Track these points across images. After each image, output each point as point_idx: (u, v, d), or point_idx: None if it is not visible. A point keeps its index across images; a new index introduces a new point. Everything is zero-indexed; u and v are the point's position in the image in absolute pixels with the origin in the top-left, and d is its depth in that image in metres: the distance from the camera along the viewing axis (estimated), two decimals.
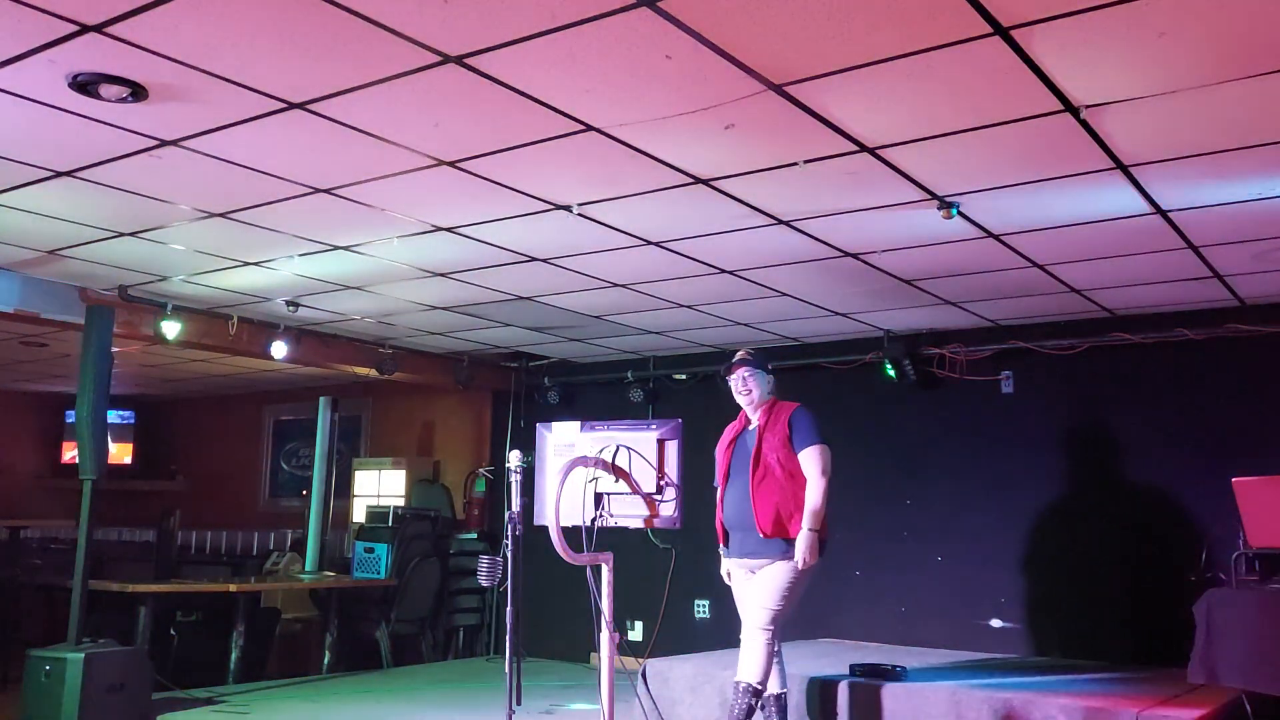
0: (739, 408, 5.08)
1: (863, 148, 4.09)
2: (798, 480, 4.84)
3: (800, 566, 4.74)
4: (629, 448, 3.83)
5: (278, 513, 11.07)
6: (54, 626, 7.83)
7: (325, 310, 7.24)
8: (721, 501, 5.02)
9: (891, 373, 7.48)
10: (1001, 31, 3.13)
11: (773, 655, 4.79)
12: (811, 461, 4.83)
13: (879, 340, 7.58)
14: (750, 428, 5.03)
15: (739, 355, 5.09)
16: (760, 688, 4.74)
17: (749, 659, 4.75)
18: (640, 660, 5.61)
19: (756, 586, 4.84)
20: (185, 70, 3.45)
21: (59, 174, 4.56)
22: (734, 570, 5.02)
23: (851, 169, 4.31)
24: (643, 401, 8.71)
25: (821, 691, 5.56)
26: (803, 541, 4.72)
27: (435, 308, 7.16)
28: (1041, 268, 5.79)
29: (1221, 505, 5.31)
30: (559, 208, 4.91)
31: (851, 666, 5.76)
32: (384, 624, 8.51)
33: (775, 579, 4.80)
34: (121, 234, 5.48)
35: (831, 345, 7.91)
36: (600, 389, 9.03)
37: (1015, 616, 7.12)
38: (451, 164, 4.34)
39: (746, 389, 5.01)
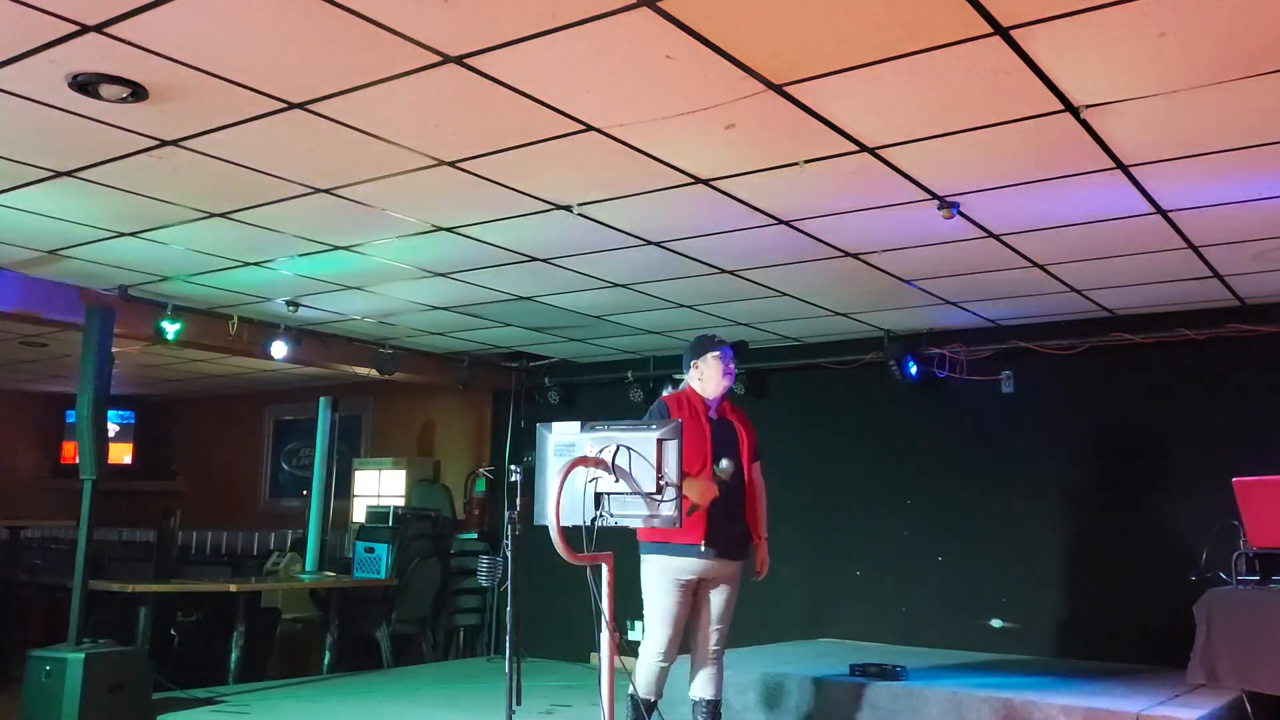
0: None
1: (863, 148, 4.09)
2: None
3: (760, 577, 4.83)
4: (629, 448, 3.81)
5: (278, 513, 11.07)
6: (54, 626, 7.82)
7: (325, 310, 7.24)
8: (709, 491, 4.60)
9: (898, 375, 7.46)
10: (1001, 31, 3.13)
11: None
12: (760, 473, 4.86)
13: (879, 340, 7.57)
14: (712, 416, 4.75)
15: (729, 340, 4.88)
16: None
17: (719, 677, 4.73)
18: None
19: (726, 601, 4.70)
20: (185, 70, 3.45)
21: (59, 174, 4.56)
22: (708, 572, 4.61)
23: (851, 169, 4.31)
24: (643, 401, 8.70)
25: (821, 691, 5.56)
26: (765, 552, 4.81)
27: (435, 308, 7.16)
28: (1041, 268, 5.79)
29: (1221, 505, 5.31)
30: (559, 208, 4.91)
31: (851, 666, 5.77)
32: (384, 624, 8.50)
33: (737, 592, 4.76)
34: (121, 234, 5.48)
35: (831, 345, 7.91)
36: (600, 389, 9.02)
37: (1015, 616, 7.12)
38: (451, 164, 4.34)
39: (732, 375, 4.81)
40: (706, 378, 4.78)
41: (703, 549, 4.55)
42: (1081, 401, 7.11)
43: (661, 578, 4.60)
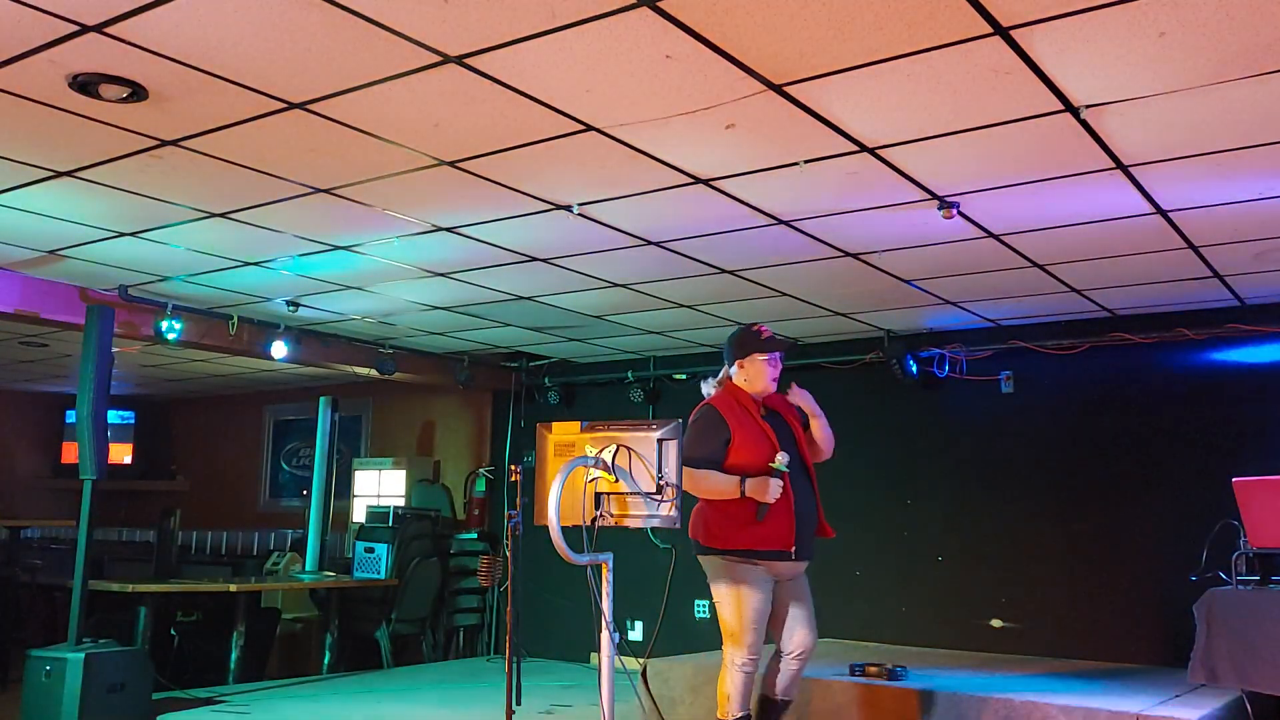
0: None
1: (863, 148, 4.09)
2: None
3: None
4: (629, 448, 3.82)
5: (278, 513, 11.07)
6: (54, 626, 7.84)
7: (325, 310, 7.24)
8: (789, 492, 4.43)
9: (898, 375, 7.46)
10: (1001, 31, 3.13)
11: None
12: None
13: (879, 340, 7.57)
14: (762, 414, 4.61)
15: (779, 336, 4.76)
16: None
17: (800, 678, 4.64)
18: (640, 660, 5.60)
19: (805, 589, 4.62)
20: (185, 70, 3.45)
21: (59, 174, 4.56)
22: (789, 572, 4.56)
23: (851, 169, 4.31)
24: (643, 401, 8.71)
25: (821, 691, 5.56)
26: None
27: (435, 308, 7.15)
28: (1041, 268, 5.79)
29: (1221, 505, 5.31)
30: (559, 208, 4.91)
31: (851, 666, 5.77)
32: (384, 624, 8.51)
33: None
34: (121, 234, 5.48)
35: (831, 345, 7.91)
36: (600, 389, 9.03)
37: (1015, 616, 7.12)
38: (451, 164, 4.34)
39: (778, 379, 4.67)
40: (752, 379, 4.63)
41: (794, 555, 4.48)
42: (1081, 401, 7.11)
43: (754, 578, 4.44)
